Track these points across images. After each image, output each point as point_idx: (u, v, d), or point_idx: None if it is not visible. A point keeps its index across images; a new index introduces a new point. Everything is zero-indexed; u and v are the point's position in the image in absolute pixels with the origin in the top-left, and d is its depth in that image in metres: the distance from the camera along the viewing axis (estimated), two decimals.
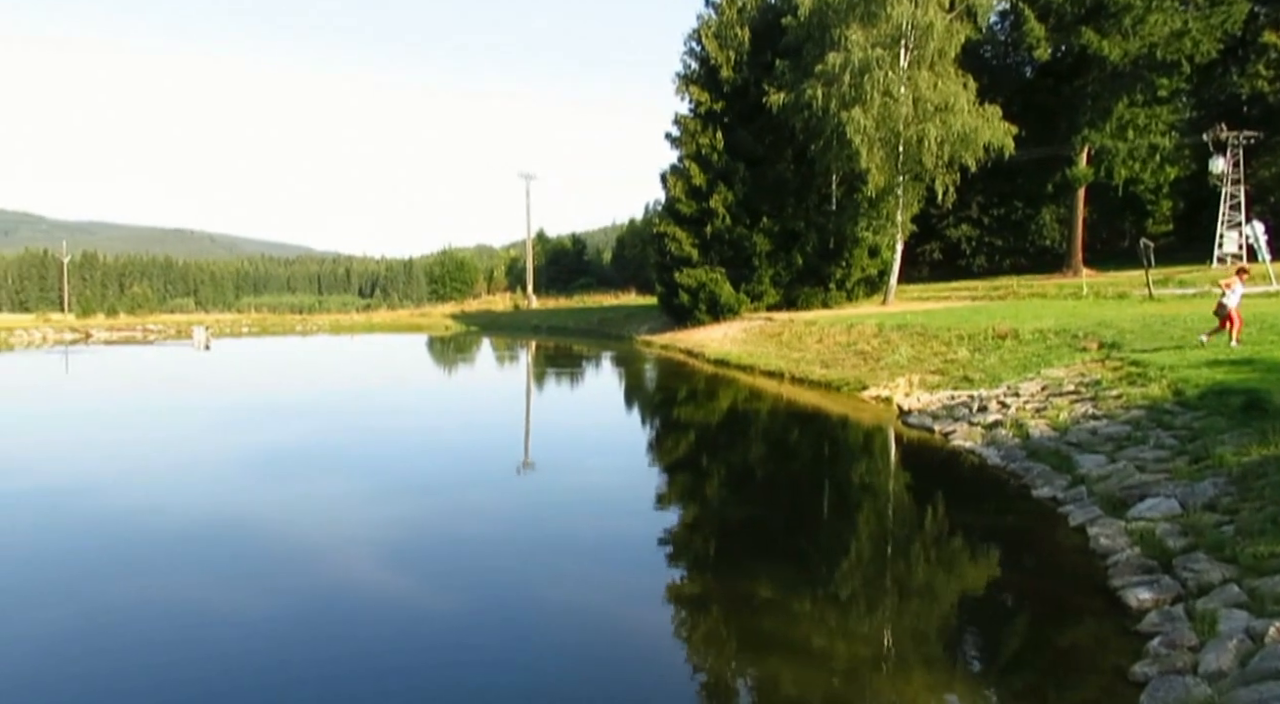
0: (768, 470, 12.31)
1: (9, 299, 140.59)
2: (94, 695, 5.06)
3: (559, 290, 72.65)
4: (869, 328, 22.31)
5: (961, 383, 15.25)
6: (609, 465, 12.30)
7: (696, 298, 34.34)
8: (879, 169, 29.12)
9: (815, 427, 15.52)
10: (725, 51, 34.48)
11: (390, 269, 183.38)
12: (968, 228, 43.73)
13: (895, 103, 28.23)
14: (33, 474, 11.46)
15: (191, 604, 6.51)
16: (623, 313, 50.15)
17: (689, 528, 8.97)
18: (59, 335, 50.35)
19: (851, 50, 27.84)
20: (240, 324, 61.98)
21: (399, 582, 7.06)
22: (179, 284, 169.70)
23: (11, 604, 6.51)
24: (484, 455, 12.89)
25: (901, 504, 9.97)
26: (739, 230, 33.77)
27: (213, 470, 11.72)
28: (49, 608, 6.41)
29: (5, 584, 6.98)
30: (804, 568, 7.51)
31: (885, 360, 18.88)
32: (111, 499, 9.93)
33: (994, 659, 5.67)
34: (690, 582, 7.21)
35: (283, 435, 14.64)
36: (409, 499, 9.92)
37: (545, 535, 8.43)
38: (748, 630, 6.12)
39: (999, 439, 11.33)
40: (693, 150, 34.99)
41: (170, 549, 7.97)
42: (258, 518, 9.06)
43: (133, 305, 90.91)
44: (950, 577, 7.29)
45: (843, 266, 34.09)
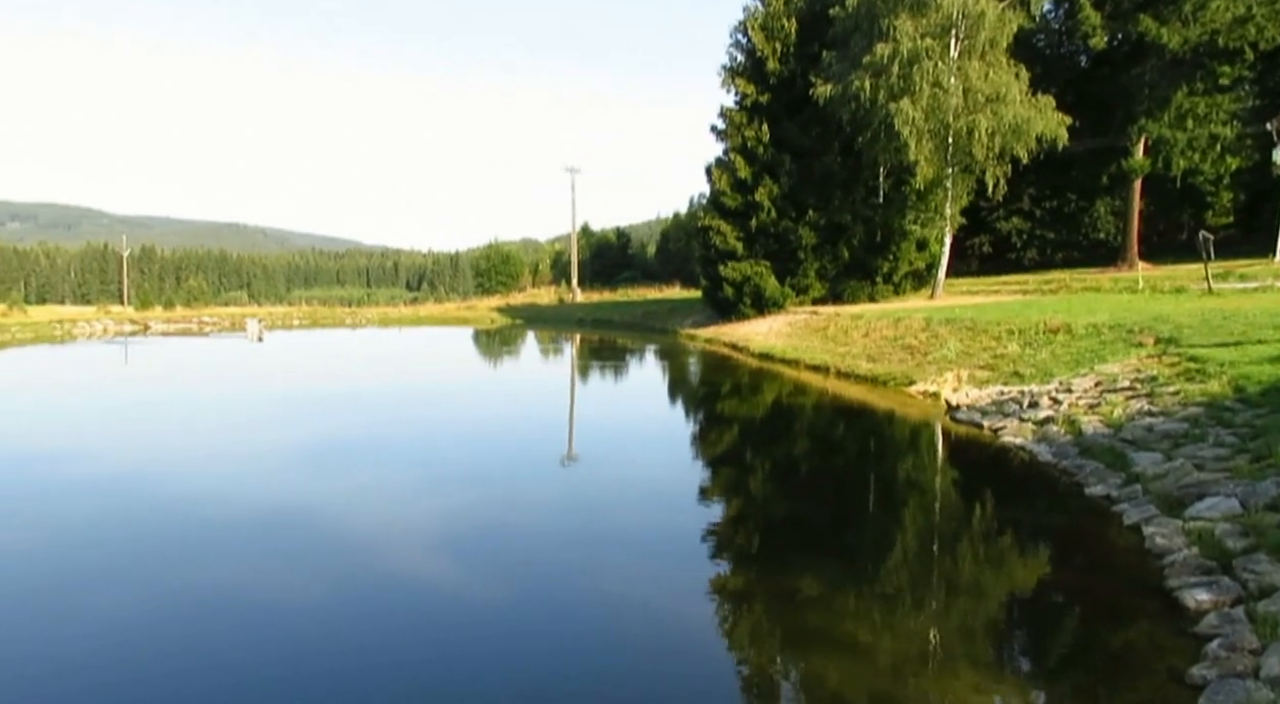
0: (812, 465, 12.23)
1: (71, 291, 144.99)
2: (157, 675, 5.20)
3: (603, 284, 72.81)
4: (916, 322, 22.03)
5: (1012, 378, 14.99)
6: (653, 459, 12.31)
7: (741, 291, 34.18)
8: (928, 161, 28.70)
9: (861, 421, 15.37)
10: (772, 43, 34.20)
11: (437, 263, 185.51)
12: (1019, 220, 42.86)
13: (945, 94, 27.78)
14: (98, 461, 11.80)
15: (247, 589, 6.66)
16: (667, 306, 50.11)
17: (733, 522, 8.96)
18: (119, 327, 51.78)
19: (900, 41, 27.44)
20: (291, 317, 63.14)
21: (448, 571, 7.15)
22: (233, 277, 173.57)
23: (77, 585, 6.72)
24: (528, 447, 12.98)
25: (949, 501, 9.85)
26: (784, 223, 33.52)
27: (268, 459, 11.97)
28: (112, 590, 6.61)
29: (71, 566, 7.21)
30: (849, 564, 7.46)
31: (933, 355, 18.63)
32: (173, 487, 10.20)
33: (1044, 659, 5.58)
34: (734, 576, 7.20)
35: (334, 426, 14.90)
36: (456, 490, 10.04)
37: (589, 528, 8.48)
38: (792, 625, 6.10)
39: (1050, 436, 11.12)
40: (738, 143, 34.79)
41: (226, 535, 8.17)
42: (309, 506, 9.24)
43: (189, 298, 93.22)
44: (999, 575, 7.19)
45: (890, 260, 33.67)
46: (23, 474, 10.97)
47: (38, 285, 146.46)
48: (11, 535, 8.15)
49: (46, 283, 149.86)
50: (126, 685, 5.07)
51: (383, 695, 4.92)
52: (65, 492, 9.89)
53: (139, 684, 5.08)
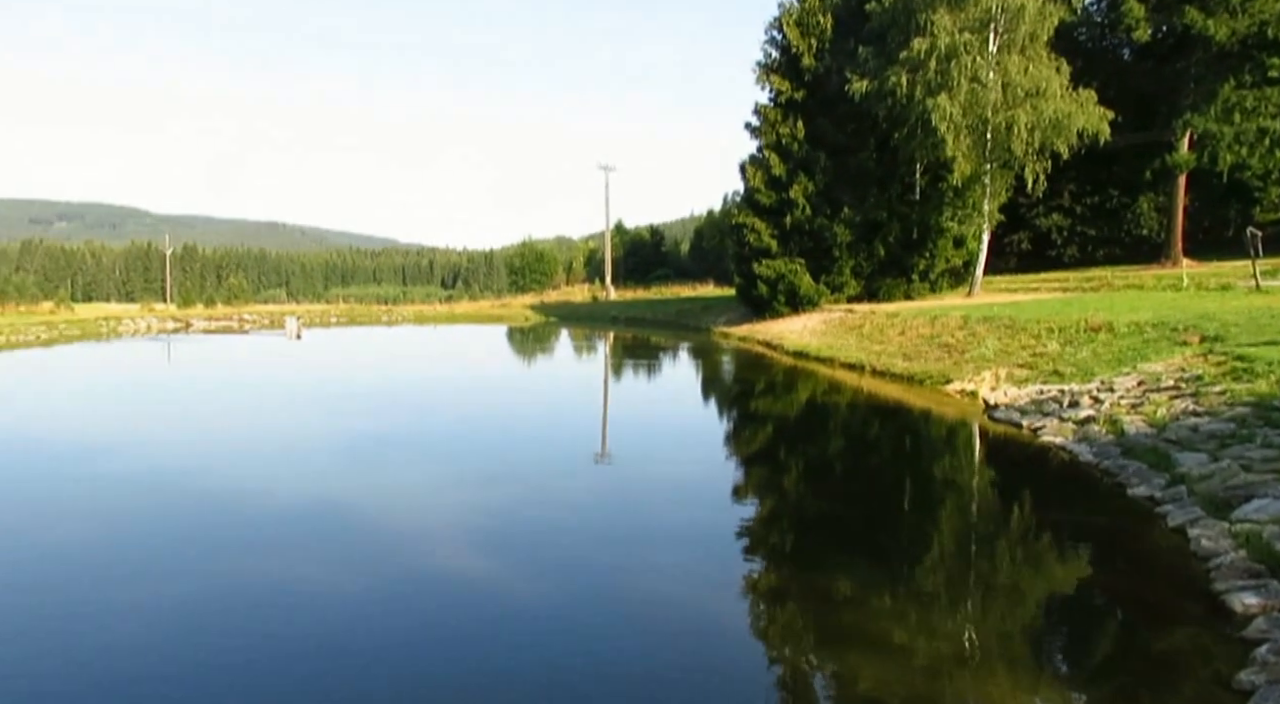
0: (847, 464, 12.13)
1: (116, 289, 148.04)
2: (203, 666, 5.28)
3: (637, 281, 72.86)
4: (954, 320, 21.77)
5: (1051, 377, 14.76)
6: (686, 457, 12.29)
7: (775, 289, 34.01)
8: (965, 157, 28.34)
9: (897, 420, 15.23)
10: (807, 39, 33.99)
11: (471, 261, 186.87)
12: (1059, 217, 42.14)
13: (983, 89, 27.41)
14: (146, 456, 12.04)
15: (285, 580, 6.74)
16: (700, 304, 50.02)
17: (767, 520, 8.91)
18: (162, 324, 52.79)
19: (938, 35, 27.13)
20: (329, 314, 63.96)
21: (481, 567, 7.19)
22: (272, 275, 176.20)
23: (126, 576, 6.85)
24: (562, 445, 13.02)
25: (986, 501, 9.72)
26: (819, 221, 33.29)
27: (307, 454, 12.14)
28: (161, 581, 6.73)
29: (118, 558, 7.36)
30: (884, 563, 7.38)
31: (970, 353, 18.40)
32: (217, 480, 10.36)
33: (1084, 662, 5.48)
34: (767, 574, 7.16)
35: (369, 423, 15.06)
36: (490, 487, 10.10)
37: (622, 525, 8.48)
38: (826, 624, 6.05)
39: (1091, 435, 10.93)
40: (772, 140, 34.61)
41: (266, 528, 8.29)
42: (346, 500, 9.34)
43: (229, 296, 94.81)
44: (1038, 576, 7.07)
45: (926, 257, 33.30)
46: (72, 468, 11.21)
47: (84, 283, 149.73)
48: (55, 526, 8.34)
49: (92, 281, 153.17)
50: (164, 676, 5.16)
51: (417, 686, 4.96)
52: (114, 484, 10.09)
53: (179, 671, 5.16)
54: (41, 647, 5.50)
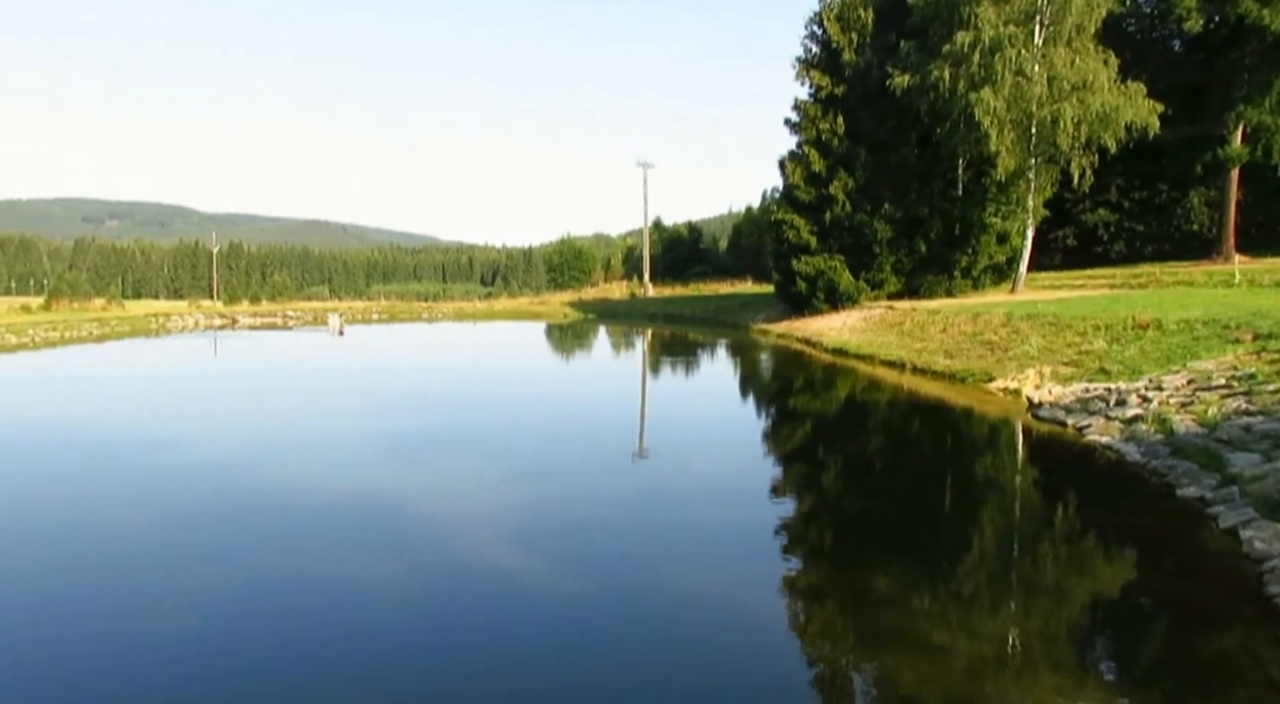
0: (887, 462, 12.02)
1: (165, 286, 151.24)
2: (250, 656, 5.39)
3: (675, 278, 72.79)
4: (996, 317, 21.47)
5: (1097, 375, 14.49)
6: (724, 454, 12.27)
7: (814, 286, 33.78)
8: (1009, 152, 27.90)
9: (938, 419, 15.06)
10: (847, 34, 33.68)
11: (510, 258, 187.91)
12: (1105, 212, 41.30)
13: (1028, 82, 26.95)
14: (199, 450, 12.30)
15: (330, 573, 6.85)
16: (739, 301, 49.85)
17: (805, 518, 8.87)
18: (209, 321, 53.85)
19: (982, 28, 26.73)
20: (371, 311, 64.78)
21: (518, 562, 7.24)
22: (315, 273, 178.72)
23: (175, 566, 7.02)
24: (599, 442, 13.06)
25: (1030, 500, 9.58)
26: (859, 217, 32.99)
27: (351, 449, 12.32)
28: (208, 571, 6.88)
29: (169, 549, 7.54)
30: (924, 563, 7.31)
31: (1014, 351, 18.12)
32: (262, 473, 10.56)
33: (1130, 665, 5.38)
34: (806, 572, 7.13)
35: (412, 418, 15.24)
36: (529, 483, 10.17)
37: (660, 522, 8.49)
38: (865, 623, 6.01)
39: (1139, 435, 10.72)
40: (812, 136, 34.36)
41: (311, 521, 8.43)
42: (386, 495, 9.47)
43: (274, 293, 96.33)
44: (1083, 577, 6.95)
45: (969, 254, 32.84)
46: (129, 461, 11.49)
47: (134, 280, 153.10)
48: (111, 517, 8.55)
49: (142, 278, 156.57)
50: (212, 670, 5.28)
51: (455, 680, 5.02)
52: (169, 477, 10.34)
53: (222, 660, 5.28)
54: (92, 634, 5.66)
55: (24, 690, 4.86)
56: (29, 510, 8.83)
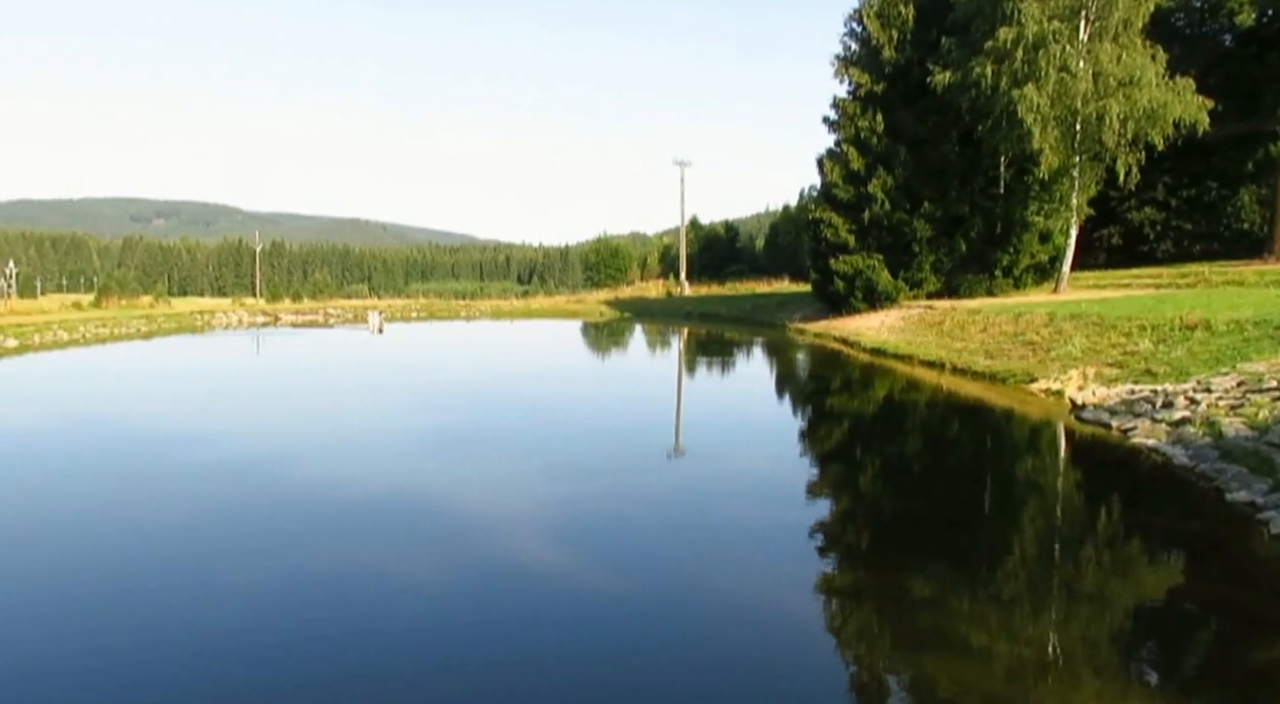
0: (925, 464, 11.89)
1: (209, 284, 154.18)
2: (286, 648, 5.48)
3: (711, 277, 72.61)
4: (1039, 317, 21.13)
5: (1143, 376, 14.21)
6: (761, 454, 12.22)
7: (852, 285, 33.53)
8: (1053, 149, 27.45)
9: (978, 419, 14.86)
10: (887, 31, 33.37)
11: (547, 256, 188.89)
12: (1152, 211, 40.44)
13: (1073, 78, 26.50)
14: (238, 444, 12.53)
15: (362, 571, 6.93)
16: (775, 300, 49.60)
17: (842, 519, 8.80)
18: (252, 318, 54.78)
19: (1025, 24, 26.33)
20: (409, 309, 65.46)
21: (556, 559, 7.26)
22: (355, 271, 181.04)
23: (220, 558, 7.16)
24: (636, 440, 13.05)
25: (1072, 503, 9.41)
26: (898, 215, 32.67)
27: (389, 445, 12.45)
28: (252, 563, 7.01)
29: (212, 542, 7.69)
30: (963, 565, 7.22)
31: (1056, 351, 17.83)
32: (303, 469, 10.72)
33: (1175, 672, 5.26)
34: (842, 573, 7.07)
35: (450, 415, 15.37)
36: (565, 480, 10.20)
37: (695, 520, 8.47)
38: (903, 626, 5.95)
39: (1186, 437, 10.49)
40: (851, 134, 34.10)
41: (349, 516, 8.53)
42: (426, 490, 9.56)
43: (314, 290, 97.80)
44: (1126, 582, 6.82)
45: (1010, 253, 32.38)
46: (173, 456, 11.74)
47: (179, 278, 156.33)
48: (157, 510, 8.74)
49: (187, 276, 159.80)
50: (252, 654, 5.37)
51: (490, 676, 5.06)
52: (216, 471, 10.53)
53: (265, 653, 5.37)
54: (134, 625, 5.78)
55: (66, 672, 4.99)
56: (76, 501, 9.05)
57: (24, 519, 8.37)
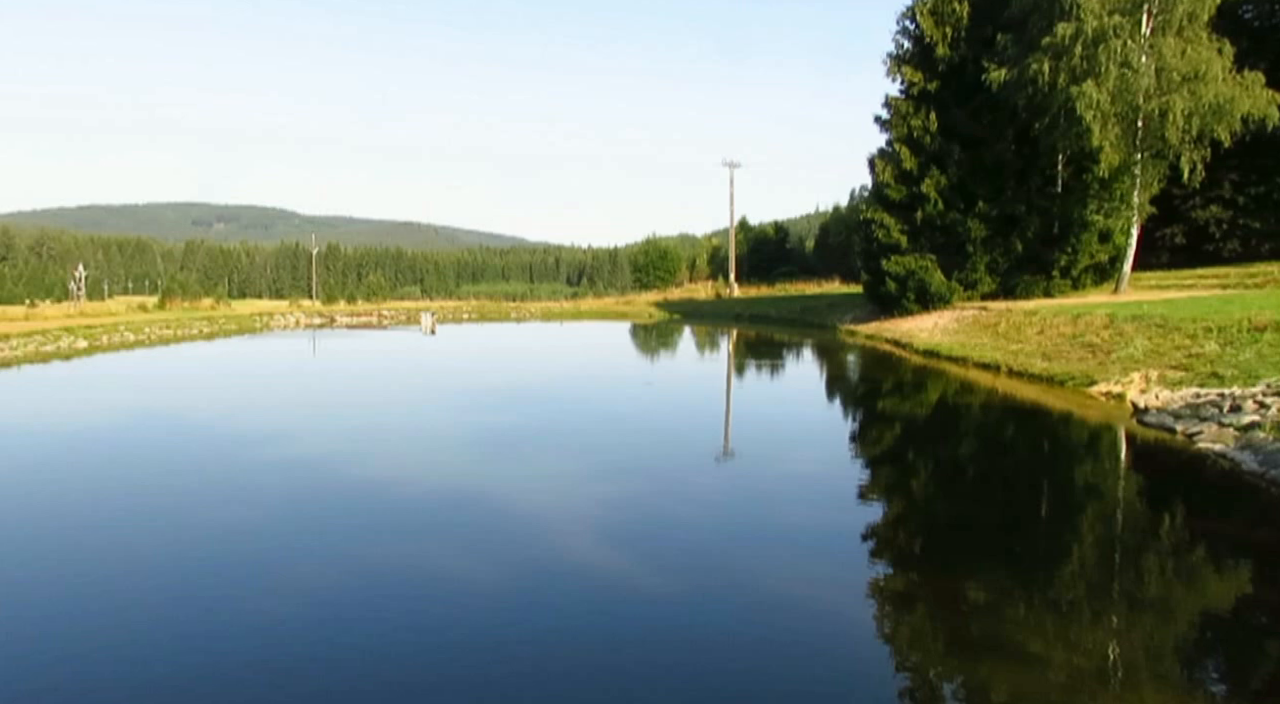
0: (980, 467, 11.69)
1: (267, 286, 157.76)
2: (359, 643, 5.59)
3: (760, 278, 72.21)
4: (1098, 318, 20.63)
5: (1209, 380, 13.79)
6: (810, 456, 12.12)
7: (904, 286, 33.08)
8: (1113, 147, 26.79)
9: (1035, 423, 14.56)
10: (941, 28, 32.88)
11: (596, 258, 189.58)
12: (1218, 209, 39.19)
13: (1134, 74, 25.83)
14: (296, 442, 12.80)
15: (414, 567, 7.03)
16: (826, 301, 49.18)
17: (893, 523, 8.69)
18: (309, 319, 55.94)
19: (1085, 19, 25.74)
20: (461, 311, 66.26)
21: (605, 558, 7.29)
22: (407, 273, 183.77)
23: (273, 557, 7.33)
24: (684, 442, 13.05)
25: (1134, 509, 9.17)
26: (952, 215, 32.18)
27: (443, 445, 12.63)
28: (303, 561, 7.16)
29: (269, 540, 7.87)
30: (1019, 571, 7.07)
31: (1117, 354, 17.39)
32: (356, 468, 10.92)
33: (1242, 683, 5.09)
34: (894, 577, 6.98)
35: (501, 415, 15.53)
36: (614, 480, 10.24)
37: (745, 522, 8.44)
38: (956, 631, 5.85)
39: (1256, 442, 10.16)
40: (903, 133, 33.67)
41: (400, 514, 8.67)
42: (478, 489, 9.67)
43: (368, 292, 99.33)
44: (1191, 591, 6.63)
45: (1068, 253, 31.65)
46: (237, 453, 12.04)
47: (239, 280, 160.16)
48: (219, 508, 8.97)
49: (246, 278, 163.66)
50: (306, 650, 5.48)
51: (547, 674, 5.10)
52: (276, 469, 10.80)
53: (321, 649, 5.48)
54: (200, 617, 5.95)
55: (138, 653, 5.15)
56: (138, 495, 9.34)
57: (89, 513, 8.67)
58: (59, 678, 4.98)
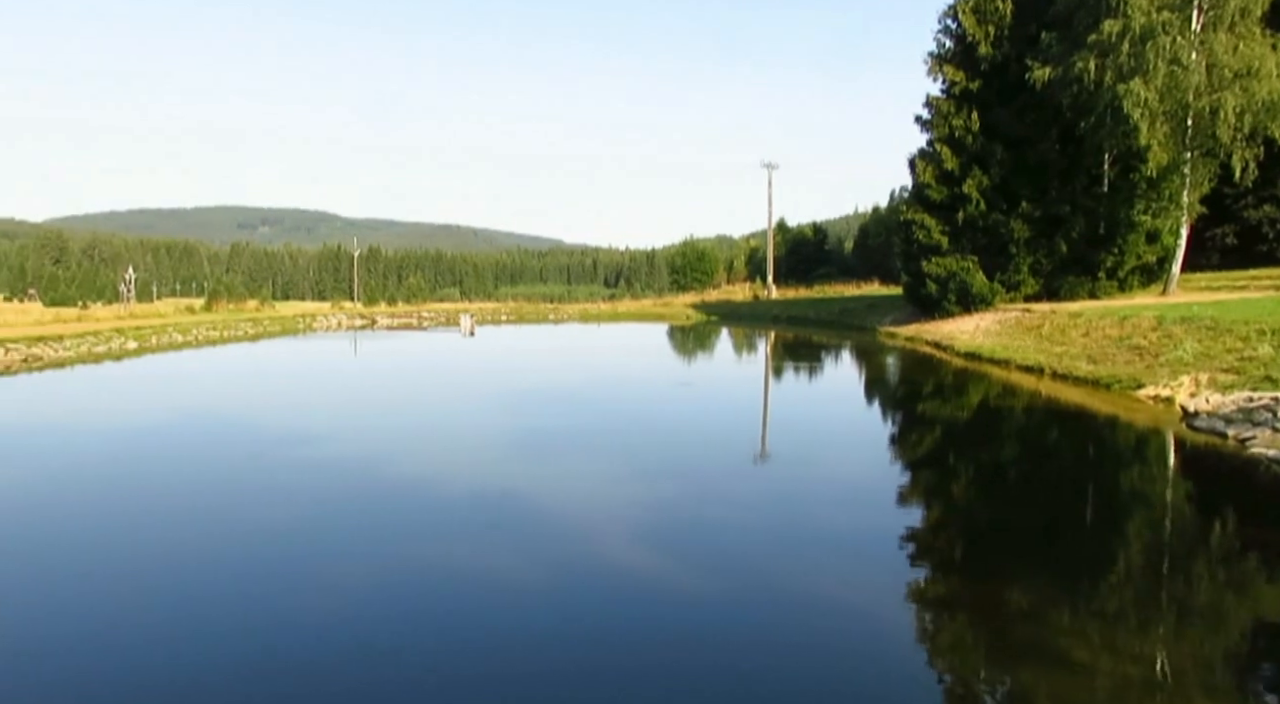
0: (1023, 472, 11.50)
1: (310, 288, 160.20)
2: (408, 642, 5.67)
3: (799, 280, 71.82)
4: (1146, 320, 20.21)
5: (1262, 383, 13.44)
6: (849, 459, 12.02)
7: (945, 288, 32.69)
8: (1162, 146, 26.23)
9: (1080, 427, 14.30)
10: (984, 27, 32.46)
11: (634, 260, 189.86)
12: (1271, 208, 38.21)
13: (1184, 71, 25.27)
14: (336, 443, 13.00)
15: (452, 569, 7.10)
16: (865, 303, 48.77)
17: (934, 527, 8.59)
18: (351, 321, 56.73)
19: (1132, 15, 25.23)
20: (499, 312, 66.75)
21: (642, 560, 7.29)
22: (447, 275, 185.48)
23: (315, 556, 7.44)
24: (721, 444, 12.99)
25: (1183, 515, 8.97)
26: (994, 216, 31.74)
27: (482, 446, 12.74)
28: (342, 563, 7.27)
29: (310, 539, 8.00)
30: (1063, 577, 6.94)
31: (1165, 356, 17.02)
32: (395, 468, 11.06)
33: None
34: (935, 582, 6.90)
35: (540, 416, 15.63)
36: (651, 482, 10.24)
37: (782, 525, 8.38)
38: (998, 637, 5.76)
39: None
40: (944, 133, 33.29)
41: (438, 514, 8.76)
42: (516, 490, 9.71)
43: (408, 294, 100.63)
44: (1243, 600, 6.46)
45: (1114, 254, 31.05)
46: (285, 452, 12.26)
47: (282, 283, 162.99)
48: (267, 506, 9.14)
49: (290, 280, 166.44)
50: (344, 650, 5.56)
51: (584, 672, 5.12)
52: (315, 468, 10.98)
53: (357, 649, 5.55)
54: (238, 613, 6.06)
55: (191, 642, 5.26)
56: (184, 492, 9.54)
57: (141, 508, 8.87)
58: (118, 664, 5.11)
